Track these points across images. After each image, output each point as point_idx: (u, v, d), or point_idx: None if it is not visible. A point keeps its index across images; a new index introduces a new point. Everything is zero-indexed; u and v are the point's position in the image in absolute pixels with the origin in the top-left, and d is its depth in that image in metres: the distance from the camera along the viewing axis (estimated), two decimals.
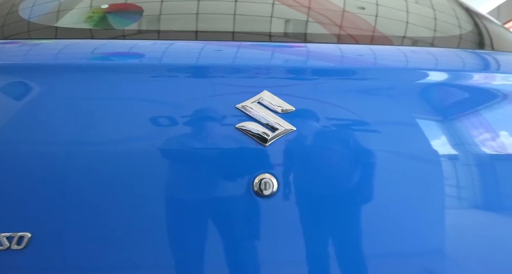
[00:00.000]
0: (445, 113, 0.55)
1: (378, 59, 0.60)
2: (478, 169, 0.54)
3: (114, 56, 0.56)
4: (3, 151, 0.48)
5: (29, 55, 0.57)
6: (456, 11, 0.85)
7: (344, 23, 0.77)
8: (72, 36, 0.67)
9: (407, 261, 0.52)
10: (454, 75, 0.58)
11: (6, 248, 0.45)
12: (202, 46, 0.60)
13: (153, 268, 0.48)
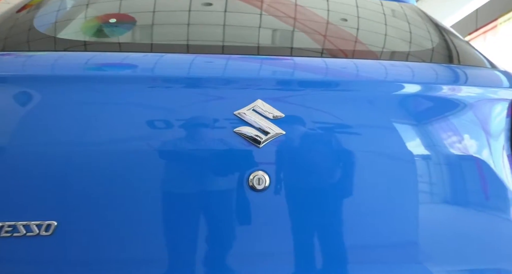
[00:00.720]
0: (416, 119, 0.65)
1: (354, 72, 0.70)
2: (444, 167, 0.64)
3: (127, 68, 0.63)
4: (33, 155, 0.54)
5: (46, 66, 0.64)
6: (428, 27, 0.94)
7: (325, 39, 0.86)
8: (83, 49, 0.73)
9: (384, 247, 0.61)
10: (425, 87, 0.68)
11: (36, 234, 0.52)
12: (206, 60, 0.67)
13: (164, 250, 0.56)
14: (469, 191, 0.64)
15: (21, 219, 0.52)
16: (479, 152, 0.65)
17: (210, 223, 0.57)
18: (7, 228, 0.52)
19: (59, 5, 0.87)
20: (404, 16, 1.00)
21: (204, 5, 0.91)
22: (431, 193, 0.63)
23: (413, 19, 0.98)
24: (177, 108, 0.58)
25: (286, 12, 0.91)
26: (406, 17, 0.99)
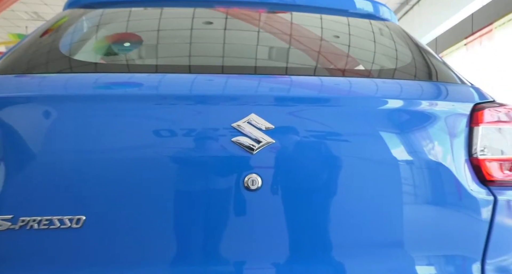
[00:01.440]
0: (395, 129, 0.75)
1: (335, 89, 0.80)
2: (416, 169, 0.75)
3: (141, 87, 0.74)
4: (65, 163, 0.66)
5: (68, 86, 0.75)
6: (407, 46, 1.03)
7: (310, 59, 0.97)
8: (100, 70, 0.84)
9: (365, 238, 0.72)
10: (398, 102, 0.78)
11: (68, 226, 0.63)
12: (207, 78, 0.78)
13: (176, 240, 0.67)
14: (437, 190, 0.75)
15: (56, 214, 0.63)
16: (445, 157, 0.75)
17: (212, 217, 0.68)
18: (44, 222, 0.63)
19: (78, 29, 0.98)
20: (385, 35, 1.10)
21: (206, 32, 1.03)
22: (406, 193, 0.74)
23: (393, 38, 1.08)
24: (183, 121, 0.69)
25: (276, 37, 1.02)
26: (387, 36, 1.09)
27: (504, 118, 0.79)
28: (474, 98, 0.83)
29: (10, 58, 0.84)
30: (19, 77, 0.77)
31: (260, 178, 0.68)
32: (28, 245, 0.63)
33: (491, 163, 0.76)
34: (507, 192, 0.76)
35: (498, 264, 0.74)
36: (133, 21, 1.05)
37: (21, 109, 0.69)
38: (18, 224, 0.62)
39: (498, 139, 0.78)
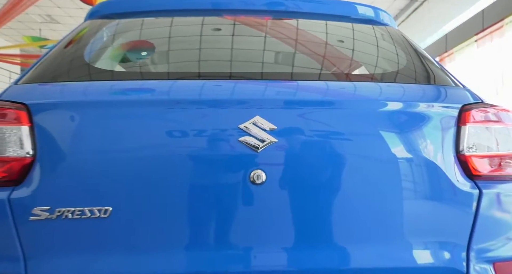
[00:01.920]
0: (392, 129, 0.82)
1: (333, 92, 0.88)
2: (410, 164, 0.81)
3: (160, 93, 0.83)
4: (93, 161, 0.75)
5: (94, 92, 0.84)
6: (412, 55, 1.08)
7: (313, 64, 1.04)
8: (121, 77, 0.94)
9: (364, 227, 0.79)
10: (395, 103, 0.85)
11: (97, 216, 0.73)
12: (217, 83, 0.87)
13: (190, 228, 0.75)
14: (428, 184, 0.82)
15: (86, 205, 0.73)
16: (436, 154, 0.82)
17: (222, 208, 0.76)
18: (77, 212, 0.72)
19: (99, 39, 1.07)
20: (384, 40, 1.17)
21: (215, 40, 1.11)
22: (400, 186, 0.81)
23: (392, 43, 1.14)
24: (197, 123, 0.78)
25: (279, 44, 1.10)
26: (386, 41, 1.16)
27: (490, 118, 0.86)
28: (462, 99, 0.89)
29: (40, 67, 0.94)
30: (52, 85, 0.87)
31: (265, 173, 0.76)
32: (62, 232, 0.73)
33: (477, 159, 0.83)
34: (491, 186, 0.83)
35: (481, 250, 0.80)
36: (149, 30, 1.15)
37: (56, 114, 0.78)
38: (55, 214, 0.72)
39: (483, 137, 0.85)
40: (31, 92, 0.83)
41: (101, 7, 1.17)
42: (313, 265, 0.75)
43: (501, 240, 0.83)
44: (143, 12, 1.14)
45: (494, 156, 0.84)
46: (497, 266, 0.80)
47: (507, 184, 0.85)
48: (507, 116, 0.90)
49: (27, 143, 0.75)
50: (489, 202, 0.81)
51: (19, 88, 0.86)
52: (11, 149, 0.75)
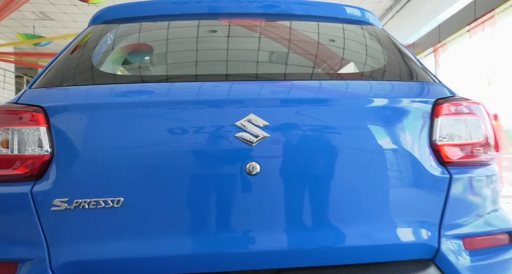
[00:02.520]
0: (373, 122, 0.91)
1: (319, 91, 0.97)
2: (390, 153, 0.90)
3: (163, 94, 0.92)
4: (105, 158, 0.84)
5: (100, 95, 0.92)
6: (394, 53, 1.17)
7: (301, 65, 1.13)
8: (125, 81, 1.02)
9: (349, 210, 0.88)
10: (381, 100, 0.94)
11: (111, 206, 0.82)
12: (215, 85, 0.95)
13: (194, 214, 0.84)
14: (405, 170, 0.91)
15: (101, 196, 0.82)
16: (413, 143, 0.92)
17: (222, 197, 0.86)
18: (93, 203, 0.81)
19: (103, 44, 1.15)
20: (369, 39, 1.25)
21: (213, 43, 1.20)
22: (381, 172, 0.90)
23: (376, 42, 1.22)
24: (198, 121, 0.87)
25: (271, 47, 1.19)
26: (371, 40, 1.24)
27: (460, 111, 0.95)
28: (437, 94, 0.98)
29: (51, 72, 1.02)
30: (64, 88, 0.95)
31: (259, 165, 0.85)
32: (80, 221, 0.82)
33: (448, 147, 0.92)
34: (460, 171, 0.93)
35: (452, 228, 0.90)
36: (151, 34, 1.22)
37: (70, 115, 0.87)
38: (73, 205, 0.81)
39: (454, 128, 0.94)
40: (46, 95, 0.92)
41: (104, 12, 1.24)
42: (302, 245, 0.85)
43: (470, 218, 0.93)
44: (144, 17, 1.21)
45: (463, 144, 0.94)
46: (466, 242, 0.91)
47: (474, 169, 0.95)
48: (477, 108, 0.99)
49: (45, 142, 0.84)
50: (458, 185, 0.91)
51: (34, 92, 0.94)
52: (31, 148, 0.84)
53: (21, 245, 0.81)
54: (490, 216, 0.96)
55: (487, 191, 0.97)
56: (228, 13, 1.23)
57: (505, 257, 0.94)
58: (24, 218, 0.81)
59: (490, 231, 0.94)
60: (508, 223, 0.97)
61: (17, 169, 0.83)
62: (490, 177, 0.97)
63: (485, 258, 0.91)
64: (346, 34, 1.25)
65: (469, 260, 0.89)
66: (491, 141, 0.98)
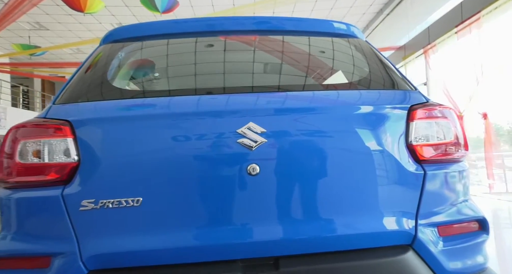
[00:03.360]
0: (357, 126, 1.04)
1: (311, 101, 1.10)
2: (375, 154, 1.03)
3: (172, 107, 1.05)
4: (125, 160, 0.96)
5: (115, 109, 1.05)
6: (376, 63, 1.30)
7: (292, 78, 1.26)
8: (136, 96, 1.15)
9: (337, 204, 0.99)
10: (363, 107, 1.06)
11: (131, 205, 0.94)
12: (220, 98, 1.07)
13: (203, 210, 0.96)
14: (386, 167, 1.04)
15: (122, 197, 0.94)
16: (392, 144, 1.05)
17: (227, 195, 0.98)
18: (116, 202, 0.93)
19: (114, 63, 1.28)
20: (353, 51, 1.38)
21: (214, 58, 1.33)
22: (365, 170, 1.02)
23: (362, 54, 1.36)
24: (205, 129, 0.99)
25: (264, 62, 1.32)
26: (355, 52, 1.38)
27: (432, 115, 1.09)
28: (412, 101, 1.12)
29: (70, 89, 1.14)
30: (84, 104, 1.07)
31: (258, 166, 0.97)
32: (105, 218, 0.94)
33: (422, 147, 1.06)
34: (433, 167, 1.06)
35: (427, 217, 1.03)
36: (157, 51, 1.35)
37: (93, 127, 0.99)
38: (99, 205, 0.93)
39: (427, 130, 1.08)
40: (70, 110, 1.04)
41: (113, 33, 1.37)
42: (297, 235, 0.97)
43: (443, 208, 1.06)
44: (150, 36, 1.34)
45: (436, 144, 1.08)
46: (440, 229, 1.04)
47: (446, 166, 1.09)
48: (448, 112, 1.13)
49: (72, 151, 0.96)
50: (432, 180, 1.05)
51: (59, 107, 1.06)
52: (60, 157, 0.96)
53: (54, 241, 0.93)
54: (461, 206, 1.09)
55: (458, 185, 1.10)
56: (226, 31, 1.36)
57: (474, 242, 1.07)
58: (56, 217, 0.93)
59: (461, 219, 1.07)
60: (478, 212, 1.11)
61: (49, 175, 0.95)
62: (461, 172, 1.11)
63: (457, 243, 1.05)
64: (333, 47, 1.39)
65: (443, 245, 1.03)
66: (461, 141, 1.12)
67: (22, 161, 0.96)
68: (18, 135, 0.98)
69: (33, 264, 0.93)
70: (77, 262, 0.91)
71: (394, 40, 9.73)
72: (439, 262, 0.99)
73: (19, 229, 0.95)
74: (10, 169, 0.96)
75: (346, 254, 0.98)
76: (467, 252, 1.05)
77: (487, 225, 1.10)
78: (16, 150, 0.96)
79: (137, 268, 0.93)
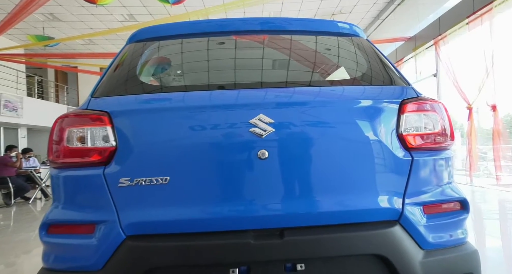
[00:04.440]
0: (355, 118, 1.18)
1: (314, 95, 1.24)
2: (370, 142, 1.17)
3: (191, 101, 1.20)
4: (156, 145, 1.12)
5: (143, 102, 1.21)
6: (376, 61, 1.42)
7: (299, 74, 1.41)
8: (160, 90, 1.31)
9: (335, 184, 1.13)
10: (360, 101, 1.20)
11: (160, 183, 1.11)
12: (235, 92, 1.22)
13: (221, 187, 1.11)
14: (379, 154, 1.17)
15: (153, 176, 1.11)
16: (386, 134, 1.19)
17: (240, 174, 1.13)
18: (148, 181, 1.11)
19: (140, 60, 1.44)
20: (355, 48, 1.51)
21: (232, 60, 1.48)
22: (361, 156, 1.15)
23: (361, 51, 1.47)
24: (223, 119, 1.13)
25: (273, 60, 1.47)
26: (356, 50, 1.51)
27: (420, 109, 1.23)
28: (404, 95, 1.26)
29: (104, 85, 1.31)
30: (119, 97, 1.24)
31: (267, 152, 1.13)
32: (139, 193, 1.11)
33: (410, 137, 1.20)
34: (420, 154, 1.20)
35: (413, 197, 1.17)
36: (179, 51, 1.51)
37: (128, 117, 1.16)
38: (134, 182, 1.11)
39: (416, 122, 1.22)
40: (107, 103, 1.21)
41: (139, 33, 1.53)
42: (300, 210, 1.12)
43: (428, 190, 1.20)
44: (172, 36, 1.50)
45: (423, 134, 1.22)
46: (425, 207, 1.19)
47: (432, 153, 1.22)
48: (437, 106, 1.26)
49: (110, 137, 1.14)
50: (418, 165, 1.19)
51: (97, 100, 1.23)
52: (100, 142, 1.14)
53: (97, 211, 1.11)
54: (444, 188, 1.24)
55: (443, 170, 1.24)
56: (238, 31, 1.50)
57: (456, 219, 1.22)
58: (99, 192, 1.11)
59: (444, 200, 1.22)
60: (460, 194, 1.25)
61: (92, 157, 1.13)
62: (445, 159, 1.25)
63: (440, 220, 1.19)
64: (336, 45, 1.53)
65: (426, 221, 1.17)
66: (448, 132, 1.26)
67: (69, 145, 1.14)
68: (65, 124, 1.16)
69: (81, 230, 1.11)
70: (117, 228, 1.09)
71: (405, 30, 9.66)
72: (422, 235, 1.15)
73: (68, 202, 1.14)
74: (59, 152, 1.14)
75: (342, 227, 1.13)
76: (449, 228, 1.20)
77: (468, 205, 1.25)
78: (64, 136, 1.14)
79: (165, 235, 1.11)
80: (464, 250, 1.18)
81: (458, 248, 1.19)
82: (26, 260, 3.11)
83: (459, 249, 1.18)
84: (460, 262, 1.16)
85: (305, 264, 1.10)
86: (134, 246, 1.07)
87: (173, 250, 1.07)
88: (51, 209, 1.17)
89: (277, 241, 1.08)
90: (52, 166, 1.18)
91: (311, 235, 1.09)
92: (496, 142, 6.38)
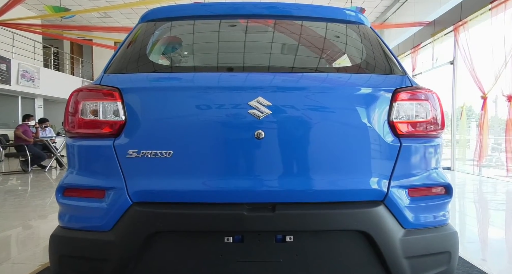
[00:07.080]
0: (351, 104, 1.25)
1: (312, 80, 1.31)
2: (362, 128, 1.24)
3: (198, 81, 1.29)
4: (160, 122, 1.22)
5: (154, 80, 1.31)
6: (376, 48, 1.46)
7: (299, 59, 1.47)
8: (171, 70, 1.40)
9: (326, 165, 1.21)
10: (356, 88, 1.27)
11: (164, 156, 1.22)
12: (235, 74, 1.31)
13: (221, 162, 1.20)
14: (370, 139, 1.24)
15: (158, 149, 1.21)
16: (378, 120, 1.26)
17: (238, 152, 1.22)
18: (153, 153, 1.22)
19: (151, 39, 1.52)
20: (358, 36, 1.55)
21: (239, 43, 1.54)
22: (352, 140, 1.23)
23: (364, 39, 1.51)
24: (224, 100, 1.22)
25: (277, 44, 1.52)
26: (359, 37, 1.55)
27: (412, 97, 1.28)
28: (398, 84, 1.31)
29: (116, 62, 1.40)
30: (130, 74, 1.33)
31: (264, 132, 1.21)
32: (145, 164, 1.22)
33: (400, 124, 1.27)
34: (408, 141, 1.26)
35: (399, 178, 1.24)
36: (190, 31, 1.58)
37: (137, 93, 1.25)
38: (140, 154, 1.21)
39: (406, 110, 1.28)
40: (119, 79, 1.30)
41: (150, 13, 1.59)
42: (292, 187, 1.21)
43: (413, 174, 1.27)
44: (184, 17, 1.56)
45: (412, 122, 1.28)
46: (410, 191, 1.27)
47: (420, 140, 1.29)
48: (429, 95, 1.32)
49: (121, 111, 1.24)
50: (406, 150, 1.26)
51: (110, 76, 1.33)
52: (111, 116, 1.25)
53: (107, 178, 1.23)
54: (430, 173, 1.31)
55: (429, 156, 1.31)
56: (246, 15, 1.55)
57: (439, 203, 1.30)
58: (109, 161, 1.22)
59: (429, 184, 1.29)
60: (444, 179, 1.33)
61: (103, 129, 1.24)
62: (433, 146, 1.32)
63: (423, 203, 1.27)
64: (340, 32, 1.57)
65: (410, 203, 1.26)
66: (438, 121, 1.32)
67: (83, 117, 1.25)
68: (79, 97, 1.26)
69: (93, 195, 1.24)
70: (125, 195, 1.21)
71: (424, 15, 9.34)
72: (404, 215, 1.24)
73: (82, 169, 1.27)
74: (74, 123, 1.26)
75: (330, 204, 1.22)
76: (431, 210, 1.29)
77: (452, 190, 1.32)
78: (79, 108, 1.25)
79: (167, 203, 1.23)
80: (444, 231, 1.27)
81: (438, 228, 1.27)
82: (42, 224, 3.35)
83: (439, 230, 1.27)
84: (438, 241, 1.25)
85: (294, 236, 1.20)
86: (139, 212, 1.19)
87: (174, 216, 1.19)
88: (66, 174, 1.30)
89: (269, 214, 1.18)
90: (67, 136, 1.30)
91: (301, 210, 1.19)
92: (510, 133, 6.29)
